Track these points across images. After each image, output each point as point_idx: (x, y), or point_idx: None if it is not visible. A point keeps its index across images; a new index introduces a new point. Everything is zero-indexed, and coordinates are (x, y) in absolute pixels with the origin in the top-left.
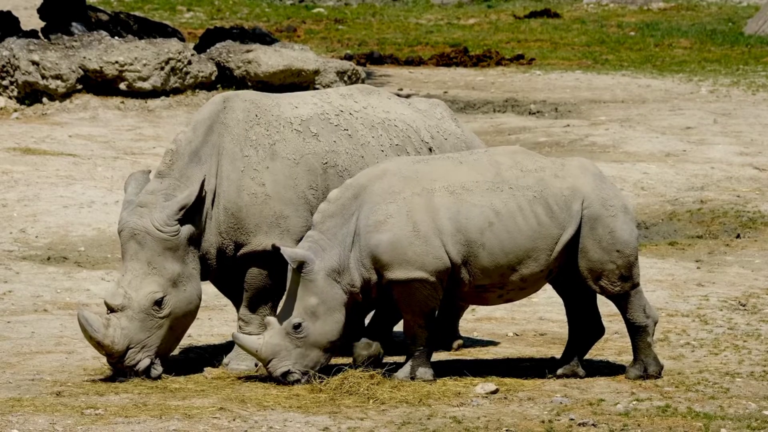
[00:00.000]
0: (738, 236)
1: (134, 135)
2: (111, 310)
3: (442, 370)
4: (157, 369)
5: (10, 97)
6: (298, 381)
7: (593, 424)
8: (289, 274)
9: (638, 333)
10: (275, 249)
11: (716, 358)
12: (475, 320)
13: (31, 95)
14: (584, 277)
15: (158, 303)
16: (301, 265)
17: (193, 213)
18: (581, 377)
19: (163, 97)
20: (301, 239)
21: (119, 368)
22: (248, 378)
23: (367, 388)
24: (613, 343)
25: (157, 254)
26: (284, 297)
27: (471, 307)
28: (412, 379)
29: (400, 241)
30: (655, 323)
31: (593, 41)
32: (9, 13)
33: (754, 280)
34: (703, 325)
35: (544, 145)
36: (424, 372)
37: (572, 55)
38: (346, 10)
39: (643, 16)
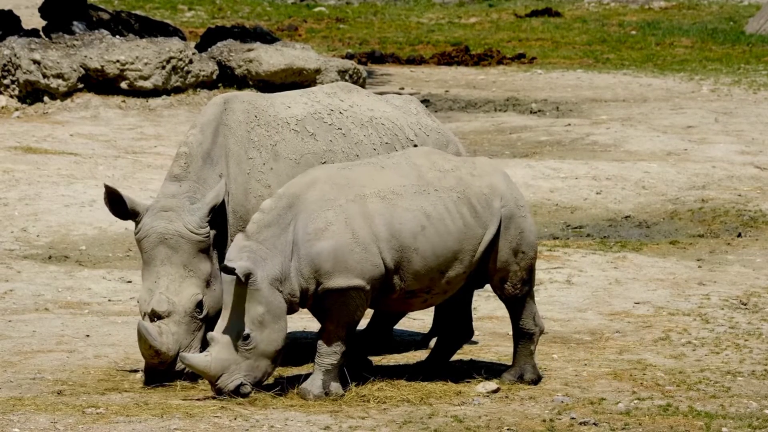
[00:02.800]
0: (739, 235)
1: (135, 134)
2: (153, 317)
3: (443, 369)
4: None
5: (11, 96)
6: (248, 394)
7: (594, 423)
8: (228, 287)
9: (524, 339)
10: (226, 269)
11: (717, 357)
12: (476, 319)
13: (32, 94)
14: (490, 277)
15: (199, 305)
16: (247, 277)
17: (215, 214)
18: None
19: (164, 96)
20: None
21: (161, 373)
22: None
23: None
24: (614, 342)
25: (192, 256)
26: (224, 311)
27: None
28: (327, 395)
29: (342, 248)
30: (541, 332)
31: (594, 40)
32: (10, 12)
33: (756, 279)
34: (705, 324)
35: (546, 144)
36: (337, 387)
37: (573, 54)
38: (348, 9)
39: (645, 15)
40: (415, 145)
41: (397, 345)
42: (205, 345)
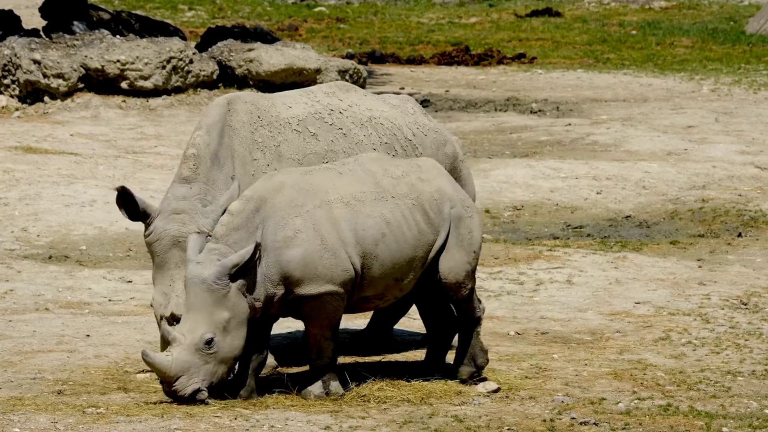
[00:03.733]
0: (739, 235)
1: (136, 134)
2: (172, 321)
3: (443, 365)
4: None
5: (11, 96)
6: (204, 401)
7: (595, 423)
8: (190, 288)
9: (475, 325)
10: (196, 272)
11: (718, 357)
12: None
13: (32, 94)
14: (442, 279)
15: None
16: (219, 280)
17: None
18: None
19: (164, 96)
20: None
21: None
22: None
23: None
24: (615, 342)
25: None
26: (187, 311)
27: None
28: (327, 395)
29: (311, 255)
30: (483, 310)
31: (595, 40)
32: (11, 11)
33: (756, 279)
34: (705, 324)
35: (546, 144)
36: (337, 386)
37: (574, 53)
38: (348, 8)
39: (645, 14)
40: (415, 146)
41: (397, 345)
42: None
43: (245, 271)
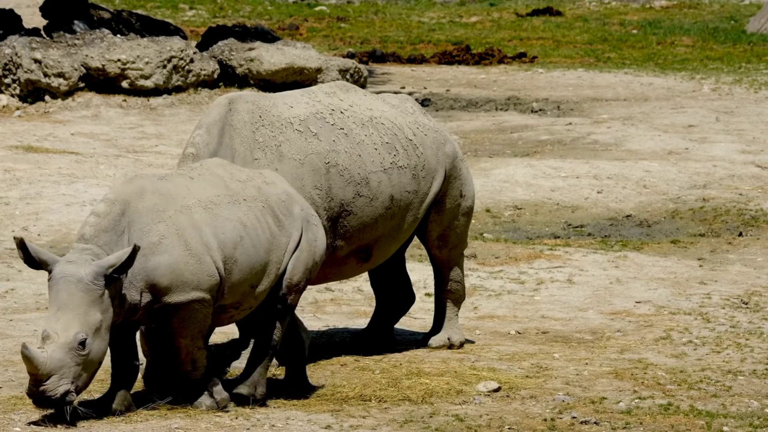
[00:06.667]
0: (740, 234)
1: (136, 133)
2: None
3: (444, 368)
4: None
5: (12, 95)
6: (71, 403)
7: (595, 423)
8: (61, 285)
9: (267, 354)
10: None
11: (718, 356)
12: (477, 318)
13: (33, 93)
14: (286, 279)
15: None
16: (96, 279)
17: None
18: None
19: (165, 96)
20: None
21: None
22: None
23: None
24: (615, 341)
25: None
26: (56, 309)
27: (473, 305)
28: (218, 405)
29: (177, 262)
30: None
31: (595, 39)
32: (11, 11)
33: (757, 278)
34: (706, 323)
35: (547, 143)
36: (220, 390)
37: (574, 53)
38: (349, 8)
39: (646, 14)
40: (416, 146)
41: (397, 344)
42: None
43: (118, 275)
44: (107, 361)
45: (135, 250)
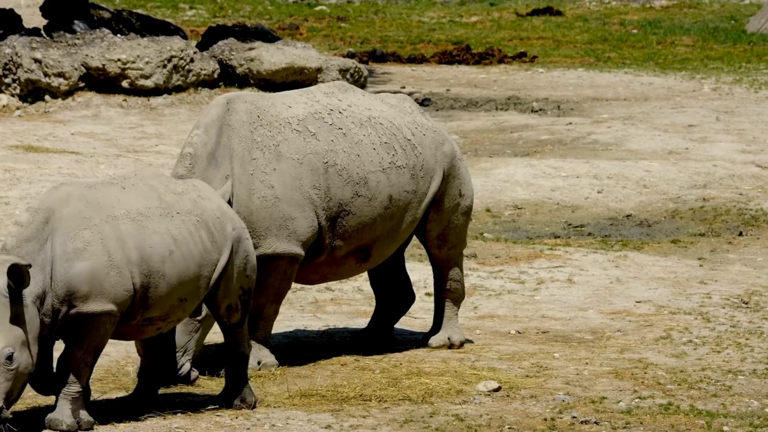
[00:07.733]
0: (740, 234)
1: (137, 133)
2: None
3: (445, 368)
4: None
5: (12, 95)
6: (6, 420)
7: (595, 422)
8: None
9: (244, 361)
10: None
11: (719, 355)
12: (477, 318)
13: (33, 93)
14: (218, 304)
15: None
16: (18, 292)
17: None
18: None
19: (165, 95)
20: (306, 241)
21: None
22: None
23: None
24: (616, 341)
25: None
26: None
27: (473, 305)
28: (79, 425)
29: (99, 271)
30: (250, 348)
31: (596, 39)
32: (11, 11)
33: (757, 278)
34: (706, 323)
35: (547, 143)
36: (86, 415)
37: (575, 52)
38: (349, 8)
39: (646, 14)
40: (414, 146)
41: (397, 344)
42: None
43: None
44: (111, 360)
45: (24, 267)
